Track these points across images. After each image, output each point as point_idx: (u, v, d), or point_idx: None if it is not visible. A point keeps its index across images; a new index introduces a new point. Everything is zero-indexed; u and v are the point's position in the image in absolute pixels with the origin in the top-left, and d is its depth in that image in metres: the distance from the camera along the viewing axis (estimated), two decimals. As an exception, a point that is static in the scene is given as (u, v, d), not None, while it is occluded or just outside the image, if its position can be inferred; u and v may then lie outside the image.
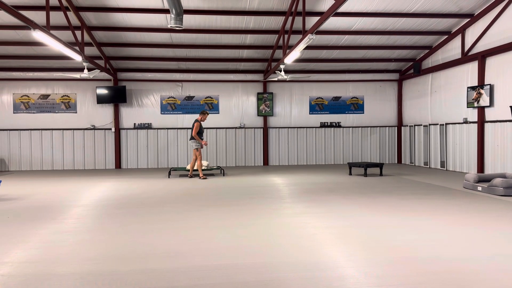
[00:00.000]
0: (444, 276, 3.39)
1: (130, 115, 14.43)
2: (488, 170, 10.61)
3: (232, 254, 4.05)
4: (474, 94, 10.94)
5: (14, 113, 13.99)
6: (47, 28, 8.53)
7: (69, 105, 14.21)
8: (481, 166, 10.80)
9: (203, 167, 11.58)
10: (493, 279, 3.33)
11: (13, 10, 7.00)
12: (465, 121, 11.51)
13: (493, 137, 10.46)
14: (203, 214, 6.05)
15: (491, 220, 5.43)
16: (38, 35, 7.94)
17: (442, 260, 3.78)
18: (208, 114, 11.06)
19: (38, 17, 9.86)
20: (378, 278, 3.36)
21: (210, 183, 9.78)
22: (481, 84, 10.70)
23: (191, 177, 10.90)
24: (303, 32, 9.13)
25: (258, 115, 14.84)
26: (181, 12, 8.59)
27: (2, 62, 13.39)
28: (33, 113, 14.06)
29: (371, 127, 15.29)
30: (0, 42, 11.75)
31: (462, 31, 11.44)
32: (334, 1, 6.95)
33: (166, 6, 9.97)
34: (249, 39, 12.33)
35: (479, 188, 7.93)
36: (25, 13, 9.11)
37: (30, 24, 7.56)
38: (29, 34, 9.65)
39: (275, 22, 11.27)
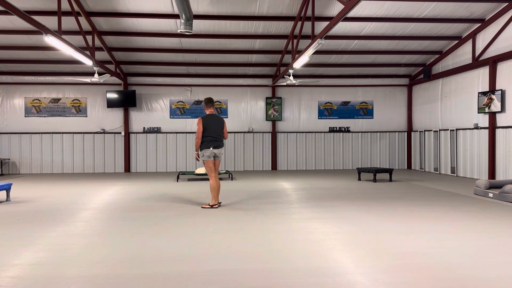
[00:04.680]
0: (454, 283, 3.34)
1: (139, 119, 14.53)
2: (500, 176, 10.46)
3: (239, 259, 4.03)
4: (485, 99, 10.82)
5: (25, 116, 14.17)
6: (59, 33, 8.64)
7: (79, 109, 14.35)
8: (492, 172, 10.65)
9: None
10: (503, 287, 3.27)
11: (26, 15, 7.10)
12: (476, 127, 11.38)
13: (504, 143, 10.32)
14: (210, 218, 6.04)
15: (502, 227, 5.34)
16: (49, 40, 8.06)
17: (452, 267, 3.72)
18: (204, 101, 7.04)
19: (50, 22, 9.98)
20: (387, 284, 3.32)
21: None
22: (492, 89, 10.58)
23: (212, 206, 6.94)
24: (312, 37, 9.12)
25: (266, 120, 14.84)
26: (191, 17, 8.64)
27: (14, 67, 13.60)
28: (44, 116, 14.22)
29: (380, 132, 15.20)
30: (13, 46, 11.93)
31: (473, 36, 11.34)
32: (343, 6, 6.94)
33: (176, 11, 10.07)
34: (258, 44, 12.36)
35: (490, 195, 7.81)
36: (37, 18, 9.24)
37: (42, 29, 7.67)
38: (41, 38, 9.78)
39: (284, 27, 11.28)
